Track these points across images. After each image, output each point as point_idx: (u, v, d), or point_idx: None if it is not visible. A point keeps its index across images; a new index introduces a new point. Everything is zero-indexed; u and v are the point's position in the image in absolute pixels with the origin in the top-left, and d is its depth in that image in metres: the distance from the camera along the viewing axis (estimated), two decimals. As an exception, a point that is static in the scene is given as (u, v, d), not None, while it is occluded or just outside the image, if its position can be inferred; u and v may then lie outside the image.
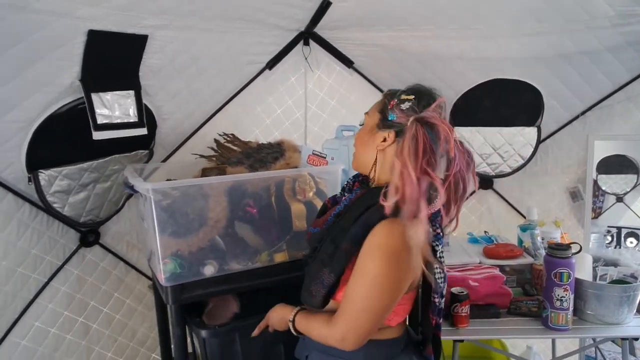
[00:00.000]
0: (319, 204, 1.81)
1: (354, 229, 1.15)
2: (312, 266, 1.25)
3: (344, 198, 1.31)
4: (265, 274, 1.71)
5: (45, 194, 1.66)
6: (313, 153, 1.87)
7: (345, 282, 1.16)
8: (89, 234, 1.96)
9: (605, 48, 2.02)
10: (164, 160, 2.09)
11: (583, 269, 1.98)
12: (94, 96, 1.55)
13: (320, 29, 2.19)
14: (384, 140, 1.21)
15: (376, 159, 1.24)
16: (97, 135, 1.57)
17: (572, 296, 1.79)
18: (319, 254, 1.23)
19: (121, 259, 2.12)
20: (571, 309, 1.80)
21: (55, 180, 1.67)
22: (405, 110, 1.18)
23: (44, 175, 1.63)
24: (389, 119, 1.21)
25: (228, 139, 2.01)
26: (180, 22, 1.62)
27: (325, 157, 1.89)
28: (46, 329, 1.87)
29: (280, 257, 1.75)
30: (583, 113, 2.40)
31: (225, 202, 1.65)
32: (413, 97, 1.20)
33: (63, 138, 1.63)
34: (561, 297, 1.78)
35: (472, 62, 2.19)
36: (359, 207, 1.19)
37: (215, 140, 2.00)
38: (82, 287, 1.98)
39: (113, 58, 1.57)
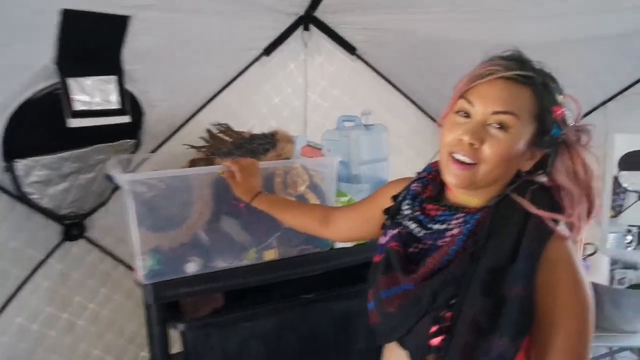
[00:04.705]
0: (312, 198, 1.70)
1: (521, 265, 0.84)
2: (456, 339, 0.84)
3: (448, 234, 0.94)
4: (254, 272, 1.61)
5: (22, 184, 1.58)
6: (307, 144, 1.76)
7: None
8: (72, 227, 1.88)
9: (635, 31, 1.84)
10: (154, 151, 2.00)
11: (599, 271, 1.86)
12: (70, 81, 1.45)
13: (321, 13, 2.06)
14: (530, 158, 0.94)
15: (513, 179, 0.95)
16: (73, 123, 1.47)
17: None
18: (462, 320, 0.85)
19: (109, 253, 2.03)
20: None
21: (33, 170, 1.57)
22: (567, 122, 0.92)
23: (20, 165, 1.54)
24: (553, 134, 0.92)
25: (221, 128, 1.91)
26: (166, 2, 1.52)
27: (320, 149, 1.78)
28: (28, 326, 1.80)
29: (269, 255, 1.65)
30: (603, 103, 2.24)
31: (209, 196, 1.56)
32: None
33: (41, 125, 1.54)
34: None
35: (484, 47, 2.03)
36: (505, 235, 0.88)
37: (208, 130, 1.90)
38: (66, 282, 1.90)
39: (92, 40, 1.46)
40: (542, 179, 0.97)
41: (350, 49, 2.20)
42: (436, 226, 0.96)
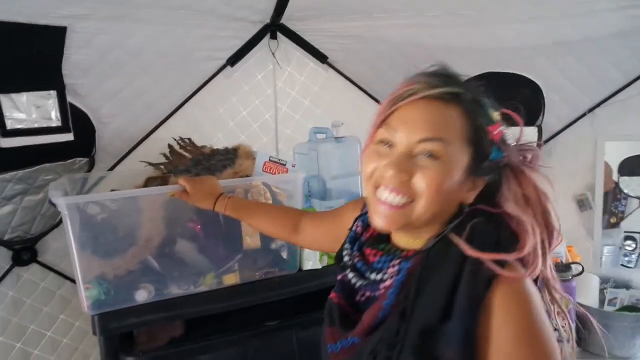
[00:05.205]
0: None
1: (455, 324, 0.71)
2: None
3: (382, 286, 0.82)
4: (213, 298, 1.50)
5: (-41, 209, 1.47)
6: (270, 160, 1.64)
7: None
8: (23, 252, 1.75)
9: (611, 34, 1.74)
10: (112, 169, 1.88)
11: (588, 291, 1.72)
12: (2, 98, 1.35)
13: (288, 20, 1.95)
14: (472, 188, 0.81)
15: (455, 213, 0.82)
16: (5, 143, 1.36)
17: (573, 325, 1.53)
18: None
19: (67, 277, 1.91)
20: (573, 340, 1.54)
21: (-29, 193, 1.48)
22: (508, 143, 0.81)
23: (-44, 189, 1.45)
24: (492, 158, 0.79)
25: (182, 144, 1.80)
26: (105, 11, 1.41)
27: (284, 164, 1.66)
28: (-24, 358, 1.69)
29: (230, 279, 1.54)
30: (590, 110, 2.12)
31: (160, 218, 1.45)
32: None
33: (-24, 146, 1.44)
34: (559, 326, 1.52)
35: (460, 53, 1.92)
36: (437, 286, 0.74)
37: (170, 146, 1.80)
38: (18, 310, 1.78)
39: (26, 54, 1.36)
40: (488, 209, 0.83)
41: (320, 57, 2.08)
42: (372, 276, 0.85)
